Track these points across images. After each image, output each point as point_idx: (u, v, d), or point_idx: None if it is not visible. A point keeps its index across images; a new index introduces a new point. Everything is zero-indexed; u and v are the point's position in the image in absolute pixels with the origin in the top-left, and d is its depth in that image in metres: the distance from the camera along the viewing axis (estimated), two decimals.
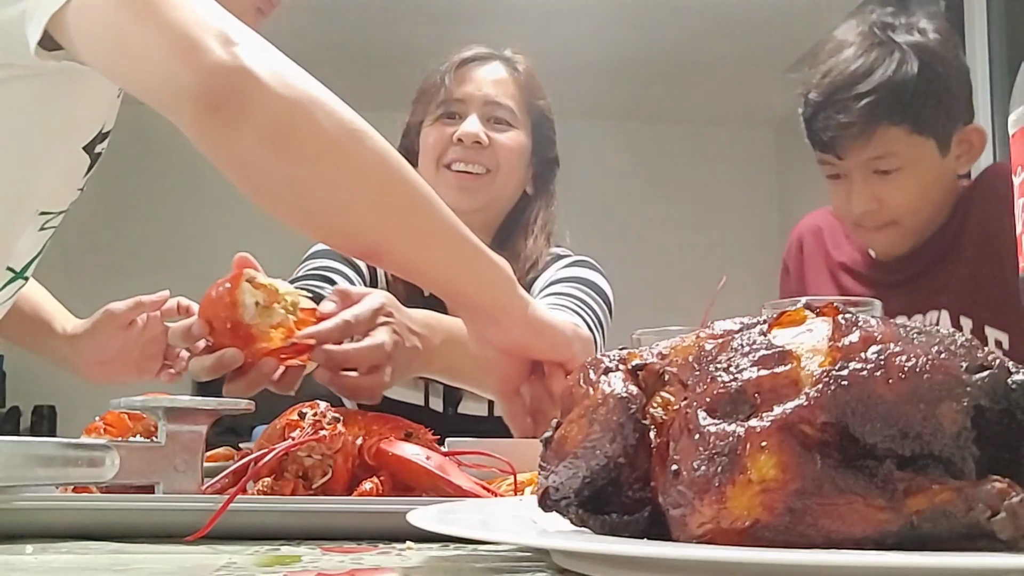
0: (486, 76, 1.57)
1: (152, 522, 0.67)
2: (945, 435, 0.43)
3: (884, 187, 1.44)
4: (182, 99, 0.80)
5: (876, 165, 1.43)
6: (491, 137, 1.52)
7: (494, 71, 1.58)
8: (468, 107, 1.54)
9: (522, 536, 0.52)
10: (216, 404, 0.75)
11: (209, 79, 0.78)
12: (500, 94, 1.56)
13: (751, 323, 0.52)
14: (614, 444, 0.50)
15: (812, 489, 0.43)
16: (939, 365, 0.44)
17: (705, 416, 0.47)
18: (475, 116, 1.53)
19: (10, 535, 0.65)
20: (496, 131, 1.54)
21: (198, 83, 0.78)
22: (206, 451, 0.76)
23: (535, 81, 1.62)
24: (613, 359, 0.54)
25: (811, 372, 0.46)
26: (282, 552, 0.61)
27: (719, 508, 0.45)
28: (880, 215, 1.46)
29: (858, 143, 1.41)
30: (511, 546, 0.61)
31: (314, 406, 0.78)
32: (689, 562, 0.44)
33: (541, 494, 0.53)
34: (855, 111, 1.39)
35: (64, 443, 0.67)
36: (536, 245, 1.59)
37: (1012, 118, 0.68)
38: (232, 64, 0.77)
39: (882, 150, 1.41)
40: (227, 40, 0.78)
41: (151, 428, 0.87)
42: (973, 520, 0.42)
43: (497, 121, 1.54)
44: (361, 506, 0.70)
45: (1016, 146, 0.67)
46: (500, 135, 1.53)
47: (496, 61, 1.59)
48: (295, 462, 0.75)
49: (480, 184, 1.52)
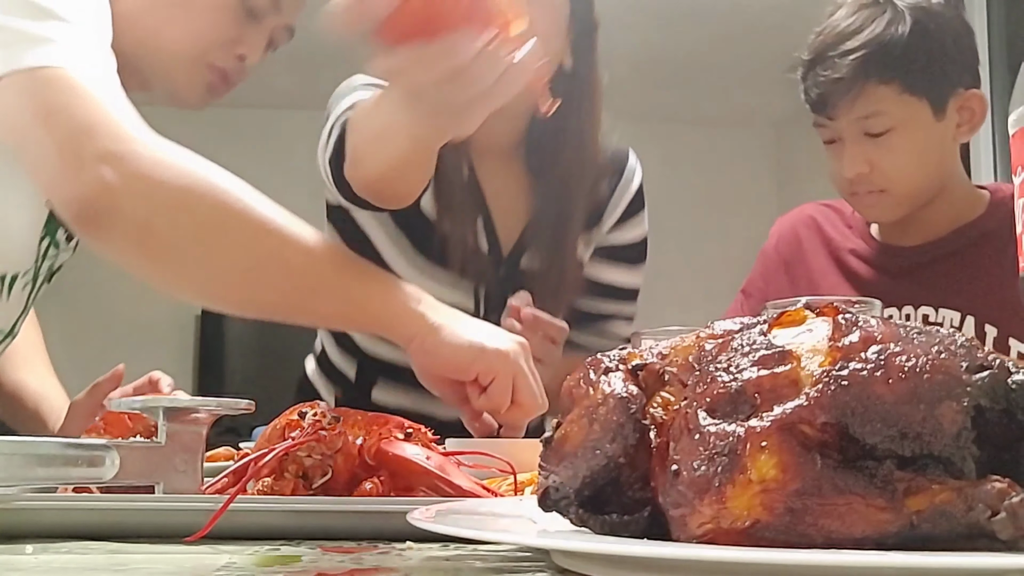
0: None
1: (152, 522, 0.67)
2: (945, 435, 0.43)
3: (876, 150, 1.43)
4: (63, 208, 0.92)
5: (867, 126, 1.42)
6: None
7: None
8: None
9: (522, 536, 0.52)
10: (216, 404, 0.75)
11: (80, 198, 0.89)
12: None
13: (751, 323, 0.52)
14: (614, 444, 0.50)
15: (812, 489, 0.43)
16: (939, 365, 0.44)
17: (705, 416, 0.47)
18: None
19: (10, 535, 0.65)
20: None
21: (72, 199, 0.90)
22: (206, 451, 0.76)
23: None
24: (613, 359, 0.54)
25: (811, 372, 0.46)
26: (282, 552, 0.61)
27: (719, 508, 0.45)
28: (872, 179, 1.45)
29: (846, 100, 1.41)
30: (511, 546, 0.61)
31: (314, 406, 0.78)
32: (689, 562, 0.44)
33: (541, 494, 0.53)
34: (843, 67, 1.40)
35: (64, 443, 0.67)
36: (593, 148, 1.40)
37: (1012, 118, 0.68)
38: (99, 185, 0.88)
39: (871, 108, 1.41)
40: (104, 156, 0.88)
41: (151, 428, 0.87)
42: (973, 520, 0.42)
43: None
44: (361, 506, 0.69)
45: (1016, 146, 0.67)
46: None
47: None
48: (295, 462, 0.75)
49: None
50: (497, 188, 1.44)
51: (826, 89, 1.42)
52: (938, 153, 1.47)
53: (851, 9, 1.44)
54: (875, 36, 1.39)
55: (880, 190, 1.46)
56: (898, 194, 1.46)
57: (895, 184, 1.45)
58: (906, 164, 1.44)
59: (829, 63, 1.41)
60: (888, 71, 1.39)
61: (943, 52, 1.42)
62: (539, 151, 1.42)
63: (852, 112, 1.42)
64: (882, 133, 1.42)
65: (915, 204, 1.48)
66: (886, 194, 1.46)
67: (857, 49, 1.39)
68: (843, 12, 1.44)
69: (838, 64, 1.40)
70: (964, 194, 1.54)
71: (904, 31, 1.39)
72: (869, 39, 1.39)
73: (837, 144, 1.47)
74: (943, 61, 1.42)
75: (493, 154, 1.42)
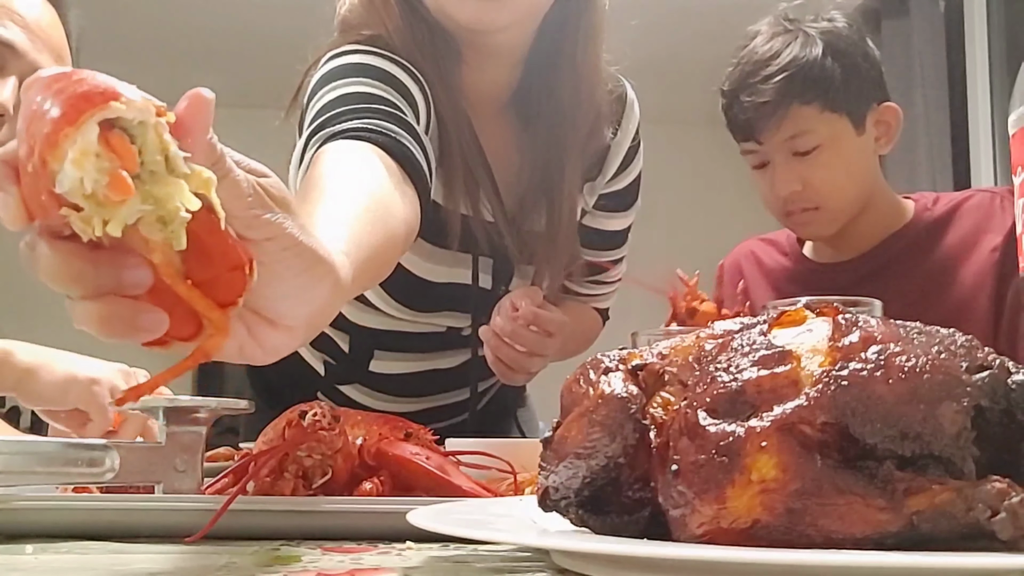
0: None
1: (152, 522, 0.67)
2: (945, 435, 0.43)
3: (806, 168, 1.49)
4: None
5: (795, 146, 1.48)
6: None
7: None
8: None
9: (522, 536, 0.52)
10: (216, 404, 0.75)
11: None
12: None
13: (751, 323, 0.52)
14: (614, 444, 0.50)
15: (812, 489, 0.43)
16: (939, 365, 0.44)
17: (705, 416, 0.47)
18: None
19: (10, 535, 0.65)
20: None
21: None
22: (206, 451, 0.76)
23: None
24: (613, 359, 0.54)
25: (811, 372, 0.46)
26: (282, 552, 0.61)
27: (719, 508, 0.45)
28: (805, 196, 1.50)
29: (772, 122, 1.47)
30: (511, 546, 0.61)
31: (314, 406, 0.78)
32: (689, 562, 0.44)
33: (541, 494, 0.53)
34: (766, 92, 1.46)
35: (64, 443, 0.67)
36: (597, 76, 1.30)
37: (1012, 118, 0.68)
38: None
39: (797, 129, 1.47)
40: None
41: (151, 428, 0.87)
42: (973, 520, 0.42)
43: None
44: (361, 506, 0.69)
45: (1016, 146, 0.67)
46: None
47: None
48: (295, 462, 0.75)
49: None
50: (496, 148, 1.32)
51: (752, 114, 1.48)
52: (863, 166, 1.53)
53: (765, 38, 1.51)
54: (793, 59, 1.46)
55: (814, 207, 1.51)
56: (832, 209, 1.52)
57: (828, 199, 1.51)
58: (836, 179, 1.50)
59: (752, 89, 1.48)
60: (809, 91, 1.46)
61: (856, 70, 1.49)
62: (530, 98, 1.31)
63: (779, 134, 1.48)
64: (810, 151, 1.48)
65: (847, 217, 1.54)
66: (820, 211, 1.52)
67: (778, 72, 1.46)
68: (759, 40, 1.51)
69: (761, 89, 1.47)
70: (888, 204, 1.60)
71: (818, 53, 1.46)
72: (788, 62, 1.46)
73: (767, 168, 1.53)
74: (857, 78, 1.49)
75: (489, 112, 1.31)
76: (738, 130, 1.53)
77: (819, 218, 1.52)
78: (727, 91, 1.53)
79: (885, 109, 1.53)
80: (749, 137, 1.51)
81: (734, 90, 1.51)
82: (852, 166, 1.51)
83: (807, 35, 1.48)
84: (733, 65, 1.53)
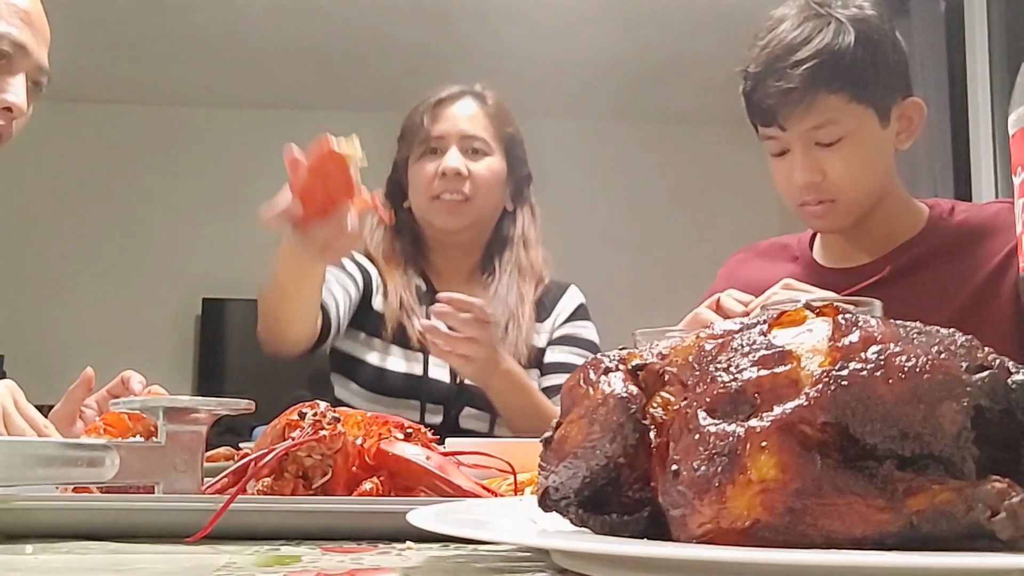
0: (460, 112, 1.83)
1: (152, 522, 0.67)
2: (945, 435, 0.43)
3: (827, 158, 1.44)
4: None
5: (818, 136, 1.43)
6: (470, 168, 1.79)
7: (466, 107, 1.84)
8: (447, 143, 1.80)
9: (522, 536, 0.52)
10: (216, 404, 0.75)
11: None
12: (474, 127, 1.82)
13: (751, 323, 0.52)
14: (614, 444, 0.50)
15: (812, 489, 0.43)
16: (939, 365, 0.44)
17: (705, 416, 0.47)
18: (455, 149, 1.79)
19: (10, 535, 0.65)
20: (473, 160, 1.80)
21: None
22: (206, 451, 0.76)
23: (504, 111, 1.87)
24: (613, 359, 0.54)
25: (811, 372, 0.46)
26: (282, 552, 0.61)
27: (719, 508, 0.45)
28: (822, 187, 1.46)
29: (799, 110, 1.42)
30: (511, 546, 0.61)
31: (314, 406, 0.78)
32: (689, 562, 0.44)
33: (541, 494, 0.53)
34: (795, 77, 1.41)
35: (64, 443, 0.67)
36: (535, 256, 1.89)
37: (1012, 118, 0.68)
38: None
39: (823, 118, 1.42)
40: None
41: (151, 428, 0.87)
42: (973, 520, 0.42)
43: (474, 151, 1.81)
44: (361, 506, 0.70)
45: (1016, 146, 0.67)
46: (477, 164, 1.81)
47: (467, 97, 1.85)
48: (295, 462, 0.75)
49: (463, 208, 1.80)
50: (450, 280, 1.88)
51: (778, 100, 1.43)
52: (882, 160, 1.49)
53: (795, 21, 1.45)
54: (825, 46, 1.41)
55: (830, 199, 1.48)
56: (847, 203, 1.48)
57: (844, 193, 1.47)
58: (855, 172, 1.46)
59: (780, 74, 1.42)
60: (838, 80, 1.41)
61: (885, 61, 1.45)
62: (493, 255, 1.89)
63: (804, 122, 1.43)
64: (834, 143, 1.44)
65: (861, 211, 1.50)
66: (835, 203, 1.48)
67: (808, 59, 1.41)
68: (788, 24, 1.45)
69: (789, 74, 1.41)
70: (901, 204, 1.56)
71: (850, 41, 1.41)
72: (819, 49, 1.41)
73: (786, 156, 1.49)
74: (885, 70, 1.45)
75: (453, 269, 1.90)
76: (760, 115, 1.48)
77: (834, 210, 1.48)
78: (752, 74, 1.46)
79: (910, 104, 1.49)
80: (772, 123, 1.46)
81: (760, 74, 1.45)
82: (872, 160, 1.47)
83: (840, 22, 1.42)
84: (758, 48, 1.46)
